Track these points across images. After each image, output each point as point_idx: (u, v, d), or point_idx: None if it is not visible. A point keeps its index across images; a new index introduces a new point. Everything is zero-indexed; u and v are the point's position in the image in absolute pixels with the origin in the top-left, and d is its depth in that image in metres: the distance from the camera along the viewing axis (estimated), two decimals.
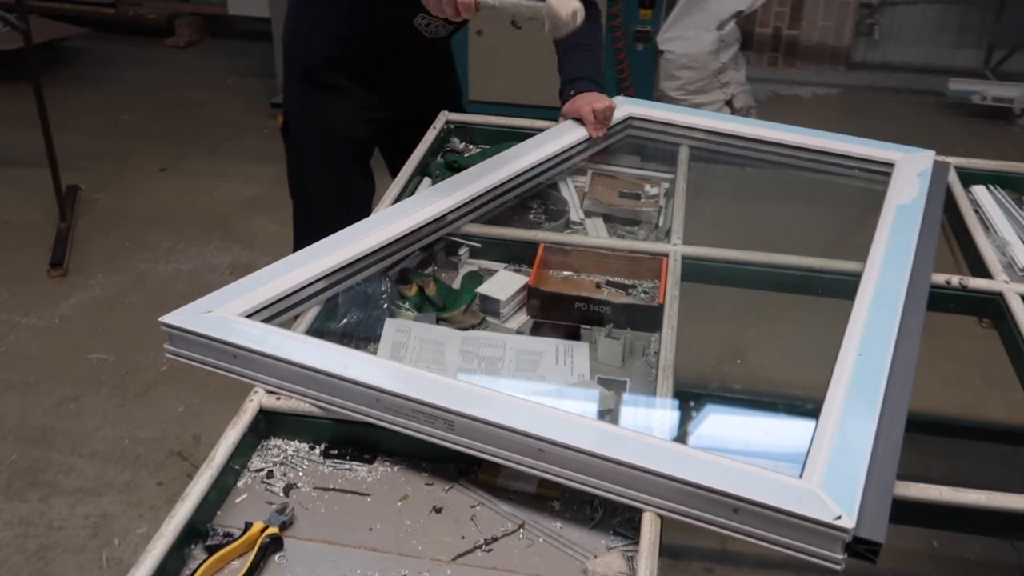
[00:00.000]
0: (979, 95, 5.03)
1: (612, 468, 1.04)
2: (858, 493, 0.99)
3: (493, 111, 2.32)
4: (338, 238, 1.49)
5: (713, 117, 2.06)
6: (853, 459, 1.04)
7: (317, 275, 1.40)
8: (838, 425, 1.11)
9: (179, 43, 6.02)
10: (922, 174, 1.75)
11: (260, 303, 1.32)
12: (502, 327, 1.49)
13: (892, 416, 1.14)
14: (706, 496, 1.00)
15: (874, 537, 0.93)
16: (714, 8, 4.33)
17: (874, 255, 1.50)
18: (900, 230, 1.58)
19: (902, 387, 1.20)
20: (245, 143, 4.63)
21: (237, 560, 1.02)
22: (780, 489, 0.98)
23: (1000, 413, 2.71)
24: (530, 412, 1.10)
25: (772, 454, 1.23)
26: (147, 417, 2.72)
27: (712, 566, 2.26)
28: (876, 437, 1.09)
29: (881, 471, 1.04)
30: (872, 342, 1.28)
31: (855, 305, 1.37)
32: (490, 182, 1.71)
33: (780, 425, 1.64)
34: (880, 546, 0.92)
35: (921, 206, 1.64)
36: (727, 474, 1.01)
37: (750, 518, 0.98)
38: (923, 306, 1.42)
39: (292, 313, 1.38)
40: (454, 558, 1.04)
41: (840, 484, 1.00)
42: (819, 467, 1.03)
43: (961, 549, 2.30)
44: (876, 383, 1.19)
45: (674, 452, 1.05)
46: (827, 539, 0.95)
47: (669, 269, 1.54)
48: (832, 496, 0.98)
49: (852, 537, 0.94)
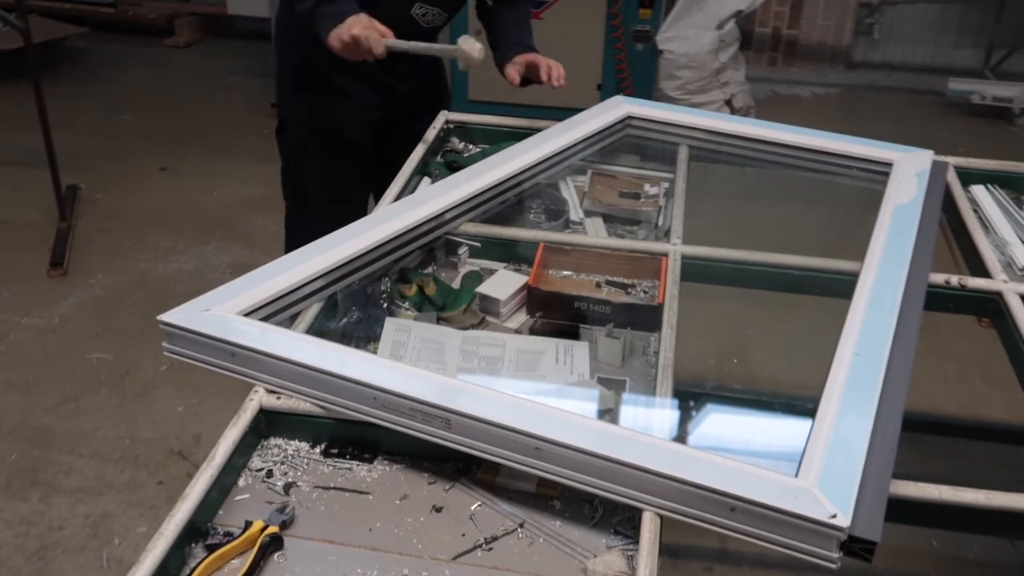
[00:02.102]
0: (979, 95, 5.03)
1: (608, 467, 1.04)
2: (853, 492, 0.99)
3: (493, 111, 2.32)
4: (336, 236, 1.49)
5: (712, 117, 2.06)
6: (849, 458, 1.05)
7: (315, 274, 1.40)
8: (834, 424, 1.11)
9: (179, 43, 6.02)
10: (920, 174, 1.75)
11: (258, 302, 1.32)
12: (502, 327, 1.49)
13: (888, 415, 1.14)
14: (703, 495, 1.00)
15: (869, 536, 0.93)
16: (714, 8, 4.33)
17: (872, 254, 1.50)
18: (898, 230, 1.58)
19: (898, 386, 1.20)
20: (245, 143, 4.63)
21: (237, 559, 1.02)
22: (776, 488, 0.99)
23: (1000, 413, 2.72)
24: (526, 411, 1.10)
25: (769, 453, 1.22)
26: (147, 417, 2.72)
27: (712, 565, 2.26)
28: (872, 436, 1.09)
29: (877, 470, 1.05)
30: (869, 342, 1.28)
31: (852, 304, 1.37)
32: (488, 180, 1.71)
33: (777, 424, 1.65)
34: (875, 545, 0.92)
35: (919, 206, 1.64)
36: (724, 473, 1.01)
37: (747, 517, 0.99)
38: (920, 306, 1.42)
39: (290, 312, 1.38)
40: (454, 557, 1.05)
41: (835, 483, 1.00)
42: (815, 466, 1.03)
43: (961, 549, 2.30)
44: (872, 383, 1.19)
45: (671, 451, 1.06)
46: (823, 538, 0.95)
47: (669, 269, 1.55)
48: (827, 495, 0.98)
49: (847, 536, 0.94)
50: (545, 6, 4.25)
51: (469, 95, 4.39)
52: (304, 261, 1.42)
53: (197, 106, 5.11)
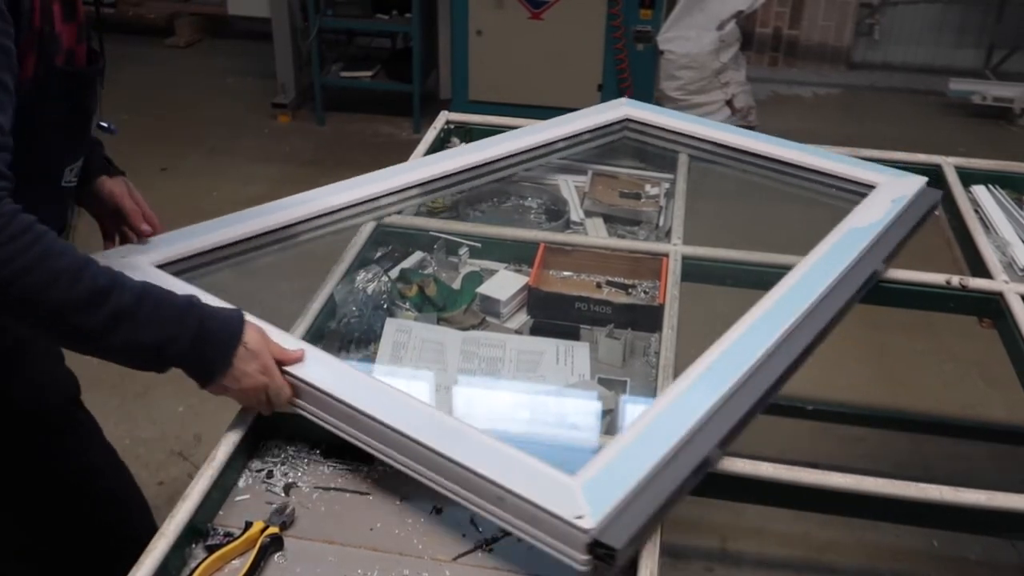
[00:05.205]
0: (979, 95, 5.02)
1: (396, 438, 1.06)
2: (615, 499, 0.96)
3: (493, 111, 2.32)
4: (281, 203, 1.58)
5: (708, 125, 1.99)
6: (632, 467, 1.01)
7: (239, 237, 1.48)
8: (640, 434, 1.08)
9: (179, 43, 6.02)
10: (897, 200, 1.66)
11: (176, 255, 1.41)
12: (502, 327, 1.49)
13: (699, 443, 1.09)
14: (474, 480, 1.00)
15: (610, 542, 0.92)
16: (714, 8, 4.33)
17: (791, 275, 1.43)
18: (837, 252, 1.49)
19: (732, 416, 1.15)
20: (245, 143, 4.63)
21: (237, 560, 1.02)
22: (542, 483, 0.98)
23: (1000, 413, 2.71)
24: (348, 376, 1.15)
25: (583, 448, 1.21)
26: (147, 417, 2.72)
27: (712, 566, 2.26)
28: (674, 457, 1.06)
29: (658, 487, 1.01)
30: (727, 362, 1.22)
31: (738, 321, 1.32)
32: (468, 161, 1.77)
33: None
34: (616, 551, 0.91)
35: (876, 231, 1.55)
36: (498, 462, 1.01)
37: (513, 508, 0.98)
38: (817, 330, 1.33)
39: (205, 271, 1.44)
40: (454, 558, 1.05)
41: (603, 487, 0.98)
42: (595, 468, 1.02)
43: (961, 549, 2.29)
44: (702, 407, 1.14)
45: (460, 434, 1.06)
46: (571, 538, 0.94)
47: (669, 269, 1.54)
48: (588, 497, 0.96)
49: (592, 539, 0.93)
50: (545, 6, 4.25)
51: (469, 95, 4.40)
52: (234, 224, 1.52)
53: (197, 106, 5.11)
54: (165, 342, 1.04)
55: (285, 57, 4.81)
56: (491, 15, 4.28)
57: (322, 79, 4.73)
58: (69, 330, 0.99)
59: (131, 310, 1.01)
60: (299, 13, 4.73)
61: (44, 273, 0.95)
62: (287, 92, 4.88)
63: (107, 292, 0.99)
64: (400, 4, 4.55)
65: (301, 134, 4.77)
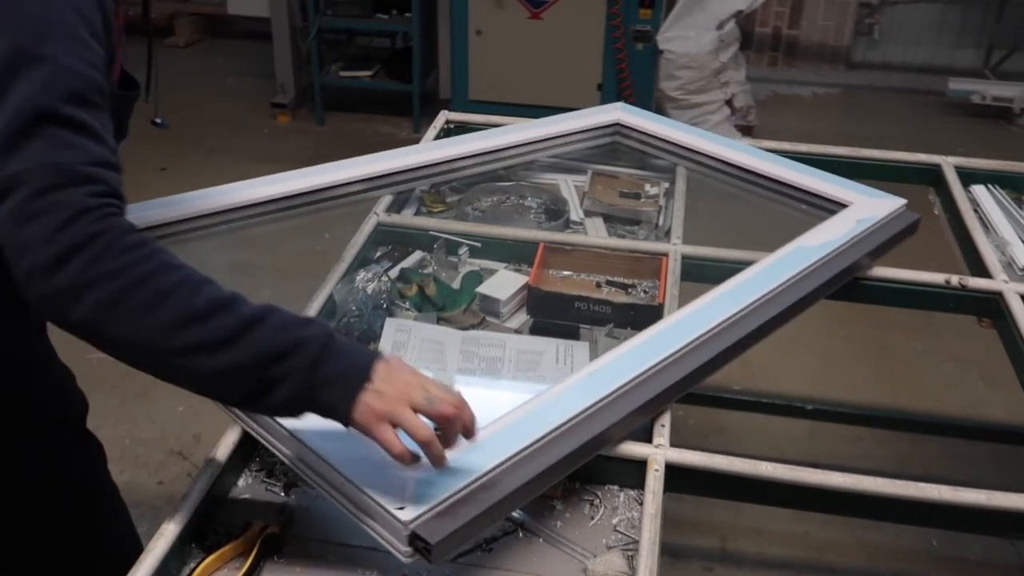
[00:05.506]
0: (979, 95, 5.03)
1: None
2: (443, 494, 0.96)
3: (492, 111, 2.32)
4: (256, 182, 1.67)
5: (700, 136, 1.94)
6: (468, 466, 1.00)
7: (206, 211, 1.54)
8: (491, 435, 1.05)
9: (179, 43, 6.01)
10: (862, 221, 1.60)
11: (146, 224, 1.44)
12: (502, 327, 1.49)
13: (547, 452, 1.06)
14: (321, 466, 1.00)
15: (426, 536, 0.92)
16: (714, 8, 4.33)
17: (722, 287, 1.40)
18: (776, 268, 1.46)
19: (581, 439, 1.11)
20: (245, 143, 4.63)
21: (237, 559, 1.02)
22: (381, 474, 0.97)
23: (1000, 413, 2.71)
24: None
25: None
26: (147, 417, 2.72)
27: (712, 566, 2.26)
28: (519, 462, 1.04)
29: (490, 490, 1.00)
30: (597, 380, 1.18)
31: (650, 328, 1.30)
32: (450, 153, 1.79)
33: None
34: (432, 546, 0.92)
35: (826, 252, 1.50)
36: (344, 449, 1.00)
37: (351, 495, 0.98)
38: (711, 354, 1.28)
39: (170, 240, 1.49)
40: (454, 558, 1.04)
41: (437, 482, 0.97)
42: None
43: (961, 549, 2.30)
44: (565, 412, 1.11)
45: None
46: (393, 528, 0.94)
47: (669, 269, 1.55)
48: (419, 490, 0.96)
49: (411, 531, 0.93)
50: (545, 6, 4.25)
51: (469, 95, 4.40)
52: (207, 198, 1.58)
53: (197, 106, 5.10)
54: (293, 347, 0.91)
55: (285, 57, 4.81)
56: (491, 15, 4.28)
57: (322, 79, 4.73)
58: (194, 343, 0.94)
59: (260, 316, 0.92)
60: (299, 13, 4.73)
61: (158, 285, 0.91)
62: (287, 92, 4.88)
63: (229, 302, 0.92)
64: (400, 4, 4.55)
65: (301, 134, 4.77)
